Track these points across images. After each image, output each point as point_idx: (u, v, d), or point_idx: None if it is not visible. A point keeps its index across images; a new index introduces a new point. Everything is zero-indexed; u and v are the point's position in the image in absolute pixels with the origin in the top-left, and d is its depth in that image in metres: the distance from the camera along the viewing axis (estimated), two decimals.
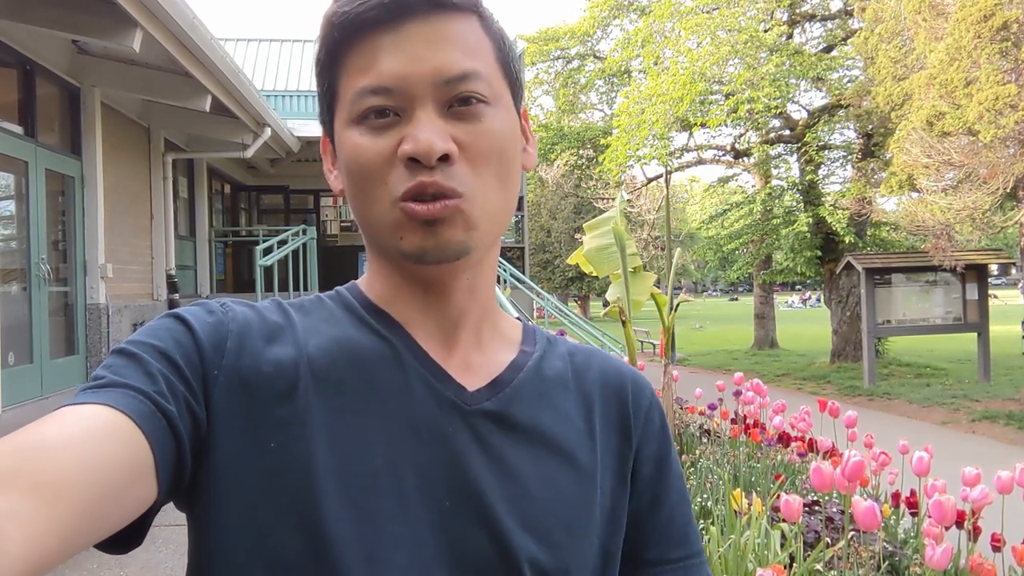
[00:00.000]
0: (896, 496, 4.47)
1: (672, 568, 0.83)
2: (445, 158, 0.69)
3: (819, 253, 18.74)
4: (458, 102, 0.71)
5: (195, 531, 0.69)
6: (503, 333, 0.83)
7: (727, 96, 18.02)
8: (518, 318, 0.90)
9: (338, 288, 0.83)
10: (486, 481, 0.71)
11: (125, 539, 0.62)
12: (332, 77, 0.74)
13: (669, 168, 22.17)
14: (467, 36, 0.72)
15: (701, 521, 4.33)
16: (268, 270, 10.19)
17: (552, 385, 0.81)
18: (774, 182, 20.63)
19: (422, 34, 0.70)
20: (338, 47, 0.72)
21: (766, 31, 18.20)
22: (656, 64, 19.81)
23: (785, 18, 19.75)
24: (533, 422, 0.77)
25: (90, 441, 0.56)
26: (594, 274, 5.73)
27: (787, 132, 20.22)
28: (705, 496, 4.63)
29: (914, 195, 13.43)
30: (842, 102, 17.81)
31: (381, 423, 0.70)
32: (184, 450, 0.64)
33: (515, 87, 0.78)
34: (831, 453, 5.14)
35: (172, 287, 10.74)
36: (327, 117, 0.76)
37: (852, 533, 3.42)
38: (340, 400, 0.70)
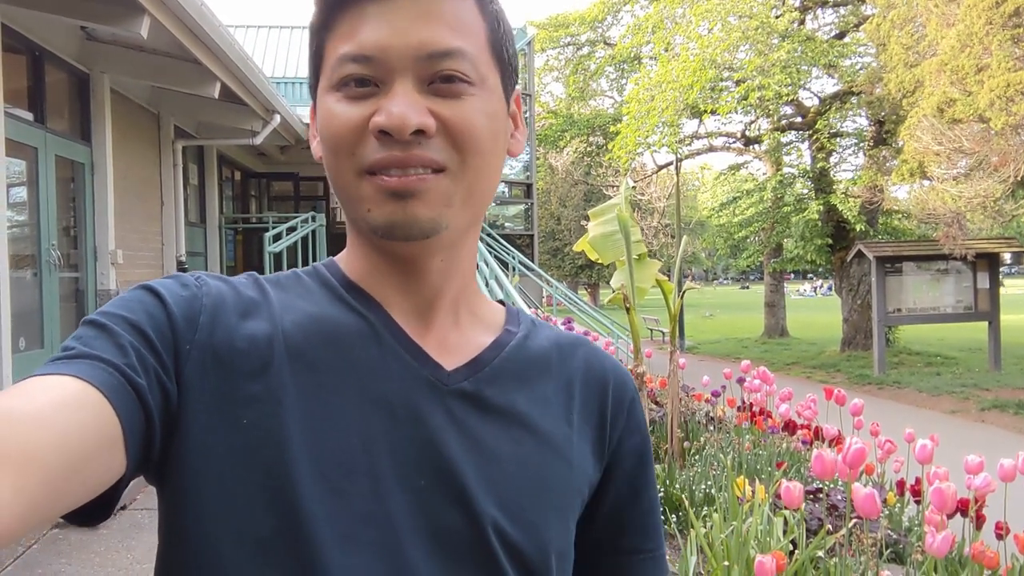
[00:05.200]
0: (900, 484, 4.47)
1: (645, 557, 0.86)
2: (421, 132, 0.68)
3: (830, 241, 18.67)
4: (440, 79, 0.69)
5: (166, 506, 0.68)
6: (482, 315, 0.83)
7: (738, 83, 17.94)
8: (501, 301, 0.89)
9: (315, 264, 0.82)
10: (461, 461, 0.71)
11: (92, 512, 0.62)
12: (320, 41, 0.73)
13: (679, 155, 22.09)
14: (458, 14, 0.70)
15: (704, 507, 4.34)
16: (277, 257, 10.21)
17: (534, 368, 0.80)
18: (785, 170, 20.56)
19: (411, 7, 0.68)
20: (328, 12, 0.71)
21: (777, 17, 18.08)
22: (667, 50, 19.71)
23: (797, 4, 19.61)
24: (510, 403, 0.76)
25: (57, 412, 0.55)
26: (599, 261, 5.72)
27: (798, 119, 20.12)
28: (709, 483, 4.64)
29: (925, 183, 13.35)
30: (854, 89, 17.70)
31: (356, 401, 0.70)
32: (153, 424, 0.63)
33: (506, 71, 0.76)
34: (836, 441, 5.14)
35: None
36: (313, 82, 0.75)
37: (855, 520, 3.42)
38: (315, 377, 0.69)
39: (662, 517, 0.92)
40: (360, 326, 0.74)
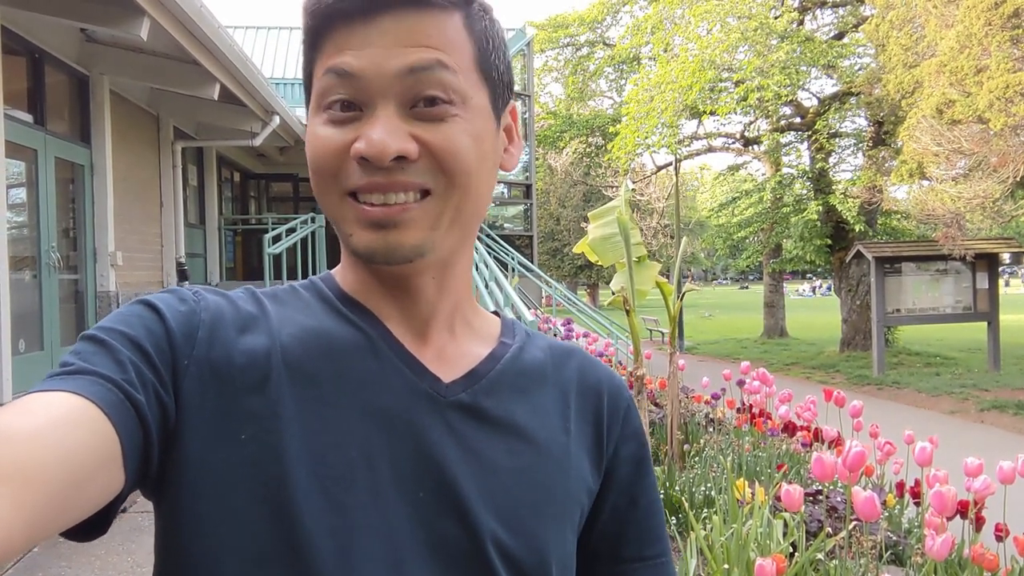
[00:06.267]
0: (900, 486, 4.47)
1: (648, 565, 0.86)
2: (403, 158, 0.68)
3: (829, 242, 18.68)
4: (423, 102, 0.69)
5: (163, 521, 0.68)
6: (478, 327, 0.83)
7: (737, 84, 17.94)
8: (495, 312, 0.89)
9: (312, 278, 0.82)
10: (460, 473, 0.71)
11: (90, 528, 0.62)
12: (310, 64, 0.73)
13: (678, 156, 22.09)
14: (442, 34, 0.69)
15: (704, 510, 4.34)
16: (277, 258, 10.20)
17: (530, 378, 0.81)
18: (784, 170, 20.56)
19: (393, 29, 0.68)
20: (315, 36, 0.72)
21: (776, 18, 18.08)
22: (666, 51, 19.72)
23: (796, 5, 19.63)
24: (508, 415, 0.76)
25: (57, 429, 0.55)
26: (599, 263, 5.72)
27: (797, 120, 20.13)
28: (708, 485, 4.64)
29: (924, 183, 13.36)
30: (853, 89, 17.71)
31: (355, 414, 0.70)
32: (152, 439, 0.63)
33: (496, 90, 0.75)
34: (836, 443, 5.14)
35: (182, 275, 10.78)
36: (307, 102, 0.76)
37: (854, 523, 3.42)
38: (314, 391, 0.69)
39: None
40: (358, 339, 0.74)
